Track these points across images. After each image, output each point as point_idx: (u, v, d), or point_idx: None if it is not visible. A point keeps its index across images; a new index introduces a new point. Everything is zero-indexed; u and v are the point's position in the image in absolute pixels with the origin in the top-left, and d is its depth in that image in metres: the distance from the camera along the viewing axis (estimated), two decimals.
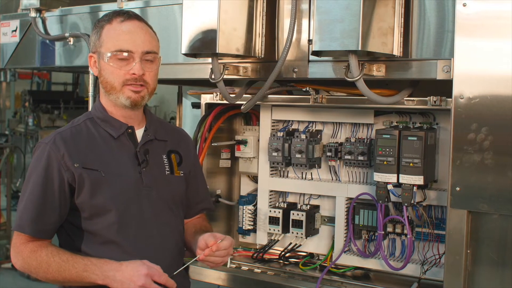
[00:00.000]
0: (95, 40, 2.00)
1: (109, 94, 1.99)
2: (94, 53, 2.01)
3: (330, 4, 2.04)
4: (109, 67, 1.96)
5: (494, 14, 1.94)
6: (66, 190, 1.92)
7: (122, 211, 1.94)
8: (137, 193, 1.98)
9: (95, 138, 1.99)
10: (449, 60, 2.04)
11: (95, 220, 1.93)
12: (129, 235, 1.95)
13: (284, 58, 2.27)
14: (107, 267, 1.83)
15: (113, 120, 2.02)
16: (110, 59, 1.94)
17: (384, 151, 2.27)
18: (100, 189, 1.92)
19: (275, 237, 2.72)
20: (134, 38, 1.96)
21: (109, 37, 1.96)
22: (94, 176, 1.92)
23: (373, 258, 2.47)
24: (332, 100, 2.41)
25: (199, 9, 2.28)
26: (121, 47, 1.94)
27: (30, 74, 10.36)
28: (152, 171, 2.02)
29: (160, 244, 2.01)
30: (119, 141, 2.00)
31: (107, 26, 1.97)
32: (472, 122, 1.97)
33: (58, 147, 1.92)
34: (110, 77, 1.97)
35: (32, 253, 1.89)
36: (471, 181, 1.97)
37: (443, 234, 2.29)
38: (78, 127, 2.02)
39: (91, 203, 1.92)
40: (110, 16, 2.00)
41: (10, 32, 3.49)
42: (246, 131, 2.89)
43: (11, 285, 5.56)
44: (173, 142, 2.15)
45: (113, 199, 1.94)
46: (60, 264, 1.86)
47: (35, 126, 8.77)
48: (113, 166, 1.96)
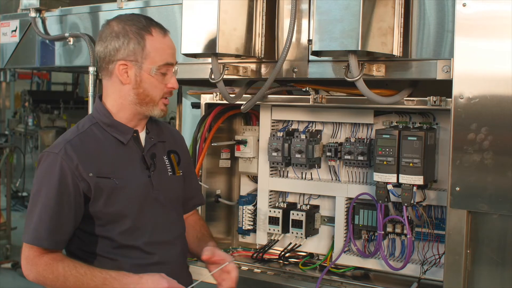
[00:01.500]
0: (135, 49, 1.90)
1: (144, 105, 1.95)
2: (130, 62, 1.91)
3: (329, 4, 2.04)
4: (153, 81, 1.93)
5: (494, 14, 1.94)
6: (81, 200, 1.89)
7: (136, 216, 1.95)
8: (149, 197, 1.98)
9: (103, 144, 1.96)
10: (449, 60, 2.04)
11: (110, 226, 1.93)
12: (143, 238, 1.96)
13: (284, 58, 2.27)
14: (127, 281, 1.81)
15: (119, 125, 1.98)
16: (156, 72, 1.92)
17: (384, 151, 2.27)
18: (115, 197, 1.91)
19: (275, 237, 2.72)
20: (174, 51, 1.98)
21: (156, 50, 1.92)
22: (108, 185, 1.90)
23: (373, 258, 2.47)
24: (332, 100, 2.42)
25: (199, 9, 2.28)
26: (168, 60, 1.94)
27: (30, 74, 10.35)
28: (158, 174, 2.03)
29: (171, 244, 2.03)
30: (128, 146, 1.99)
31: (150, 38, 1.91)
32: (471, 122, 1.97)
33: (70, 157, 1.87)
34: (152, 91, 1.94)
35: (48, 266, 1.85)
36: (471, 181, 1.97)
37: (443, 234, 2.29)
38: (85, 134, 1.96)
39: (106, 211, 1.91)
40: (145, 24, 1.92)
41: (10, 32, 3.49)
42: (246, 131, 2.89)
43: (11, 285, 5.55)
44: (170, 142, 2.14)
45: (128, 205, 1.94)
46: (78, 277, 1.82)
47: (35, 126, 8.77)
48: (124, 172, 1.95)
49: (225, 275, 2.00)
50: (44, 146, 8.42)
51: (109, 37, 1.93)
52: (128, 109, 1.97)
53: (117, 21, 1.94)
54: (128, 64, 1.92)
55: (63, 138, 1.96)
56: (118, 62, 1.92)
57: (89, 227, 1.93)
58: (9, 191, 6.56)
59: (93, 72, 3.05)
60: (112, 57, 1.93)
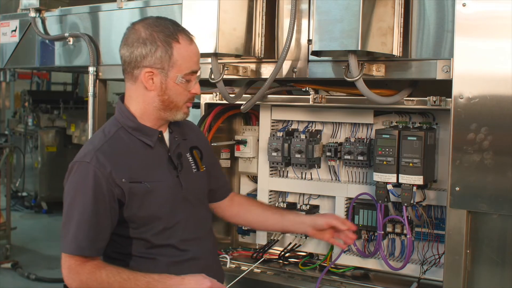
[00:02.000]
0: (162, 57, 1.89)
1: (168, 110, 1.96)
2: (156, 69, 1.90)
3: (329, 4, 2.04)
4: (178, 88, 1.93)
5: (493, 14, 1.94)
6: (116, 206, 1.91)
7: (168, 217, 1.97)
8: (178, 197, 2.01)
9: (131, 149, 1.97)
10: (449, 60, 2.04)
11: (143, 229, 1.95)
12: (176, 237, 1.98)
13: (283, 58, 2.27)
14: (169, 282, 1.84)
15: (145, 128, 1.99)
16: (182, 80, 1.93)
17: (384, 151, 2.27)
18: (148, 200, 1.93)
19: (274, 237, 2.72)
20: (198, 59, 1.98)
21: (183, 59, 1.91)
22: (141, 189, 1.92)
23: (372, 258, 2.47)
24: (331, 100, 2.42)
25: (198, 9, 2.28)
26: (193, 69, 1.95)
27: (29, 74, 10.34)
28: (185, 172, 2.05)
29: (203, 239, 2.07)
30: (154, 148, 2.00)
31: (177, 46, 1.90)
32: (471, 122, 1.97)
33: (103, 165, 1.88)
34: (177, 98, 1.95)
35: (91, 274, 1.86)
36: (471, 181, 1.97)
37: (442, 234, 2.29)
38: (113, 140, 1.95)
39: (140, 215, 1.93)
40: (172, 32, 1.91)
41: (10, 32, 3.49)
42: (245, 131, 2.89)
43: (11, 285, 5.55)
44: (191, 138, 2.15)
45: (160, 208, 1.96)
46: (122, 283, 1.84)
47: (34, 126, 8.75)
48: (154, 175, 1.97)
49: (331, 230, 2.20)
50: (44, 146, 8.42)
51: (135, 42, 1.90)
52: (151, 113, 1.98)
53: (144, 26, 1.91)
54: (154, 71, 1.91)
55: (92, 145, 1.94)
56: (144, 69, 1.91)
57: (124, 230, 1.95)
58: (8, 191, 6.57)
59: (92, 72, 3.04)
60: (138, 63, 1.91)
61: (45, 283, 5.52)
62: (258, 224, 2.36)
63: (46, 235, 7.21)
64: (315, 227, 2.21)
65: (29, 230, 7.41)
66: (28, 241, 6.90)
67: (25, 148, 8.71)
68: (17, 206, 8.63)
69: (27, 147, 8.74)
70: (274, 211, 2.32)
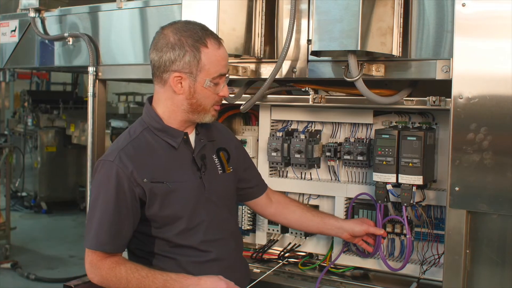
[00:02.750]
0: (191, 61, 1.93)
1: (196, 113, 2.00)
2: (184, 74, 1.95)
3: (329, 4, 2.04)
4: (206, 92, 1.97)
5: (493, 14, 1.94)
6: (137, 205, 1.96)
7: (190, 218, 2.01)
8: (201, 198, 2.03)
9: (155, 149, 2.00)
10: (448, 60, 2.04)
11: (165, 228, 1.99)
12: (198, 237, 2.02)
13: (283, 58, 2.27)
14: (186, 282, 1.89)
15: (170, 129, 2.02)
16: (211, 85, 1.96)
17: (383, 151, 2.27)
18: (169, 201, 1.97)
19: (274, 237, 2.72)
20: (226, 63, 2.02)
21: (211, 63, 1.95)
22: (163, 189, 1.96)
23: (372, 258, 2.47)
24: (331, 100, 2.42)
25: (198, 9, 2.28)
26: (221, 72, 1.98)
27: (29, 74, 10.34)
28: (209, 174, 2.07)
29: (226, 240, 2.10)
30: (178, 149, 2.03)
31: (205, 50, 1.93)
32: (471, 122, 1.97)
33: (125, 164, 1.93)
34: (205, 101, 1.98)
35: (111, 270, 1.93)
36: (470, 181, 1.97)
37: (442, 234, 2.29)
38: (138, 140, 2.01)
39: (161, 214, 1.97)
40: (201, 36, 1.94)
41: (9, 32, 3.49)
42: (245, 131, 2.89)
43: (10, 285, 5.55)
44: (219, 140, 2.18)
45: (182, 208, 1.99)
46: (140, 280, 1.90)
47: (34, 126, 8.75)
48: (177, 175, 2.00)
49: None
50: (43, 146, 8.42)
51: (164, 47, 1.94)
52: (179, 116, 2.01)
53: (173, 31, 1.95)
54: (182, 76, 1.95)
55: (116, 145, 2.01)
56: (173, 73, 1.95)
57: (146, 229, 2.00)
58: (8, 191, 6.57)
59: (92, 72, 3.04)
60: (167, 68, 1.95)
61: (44, 283, 5.51)
62: (298, 225, 2.42)
63: (46, 235, 7.21)
64: (353, 234, 2.34)
65: (28, 230, 7.41)
66: (28, 241, 6.91)
67: (24, 148, 8.71)
68: (16, 206, 8.63)
69: (26, 147, 8.74)
70: (314, 214, 2.38)
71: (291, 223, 2.43)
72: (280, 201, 2.39)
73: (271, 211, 2.38)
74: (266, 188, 2.38)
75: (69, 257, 6.32)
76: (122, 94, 9.57)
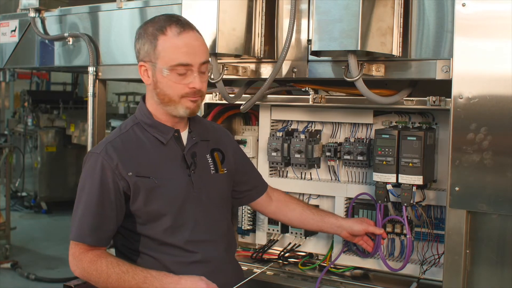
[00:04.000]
0: (148, 50, 1.92)
1: (166, 105, 1.97)
2: (146, 63, 1.95)
3: (329, 4, 2.04)
4: (167, 81, 1.92)
5: (493, 14, 1.94)
6: (121, 199, 1.94)
7: (176, 216, 1.98)
8: (188, 196, 2.01)
9: (144, 144, 1.99)
10: (448, 60, 2.04)
11: (150, 225, 1.97)
12: (184, 237, 1.99)
13: (283, 58, 2.27)
14: (166, 280, 1.86)
15: (160, 125, 2.01)
16: (169, 73, 1.92)
17: (383, 151, 2.27)
18: (155, 196, 1.95)
19: (274, 237, 2.72)
20: (191, 51, 1.91)
21: (166, 50, 1.90)
22: (148, 184, 1.94)
23: (372, 258, 2.47)
24: (331, 100, 2.42)
25: (198, 9, 2.28)
26: (180, 61, 1.90)
27: (29, 74, 10.33)
28: (200, 172, 2.04)
29: (213, 240, 2.06)
30: (168, 145, 2.01)
31: (162, 37, 1.90)
32: (471, 122, 1.97)
33: (111, 157, 1.92)
34: (168, 91, 1.94)
35: (92, 263, 1.91)
36: (470, 181, 1.97)
37: (442, 234, 2.29)
38: (127, 134, 2.00)
39: (146, 209, 1.95)
40: (162, 25, 1.91)
41: (9, 32, 3.49)
42: (245, 131, 2.89)
43: (10, 285, 5.55)
44: (214, 140, 2.16)
45: (167, 204, 1.97)
46: (120, 275, 1.88)
47: (34, 126, 8.74)
48: (164, 171, 1.98)
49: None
50: (43, 146, 8.41)
51: (135, 40, 1.99)
52: (159, 109, 2.00)
53: (145, 23, 1.98)
54: (145, 65, 1.96)
55: (106, 138, 2.02)
56: (139, 63, 1.98)
57: (132, 225, 1.98)
58: (8, 191, 6.56)
59: (92, 72, 3.04)
60: (137, 59, 1.99)
61: (44, 283, 5.51)
62: (298, 223, 2.41)
63: (46, 235, 7.21)
64: (352, 233, 2.33)
65: (28, 230, 7.41)
66: (28, 241, 6.90)
67: (24, 148, 8.71)
68: (16, 206, 8.63)
69: (26, 147, 8.74)
70: (314, 212, 2.37)
71: (291, 221, 2.42)
72: (280, 199, 2.39)
73: (272, 209, 2.38)
74: (266, 188, 2.37)
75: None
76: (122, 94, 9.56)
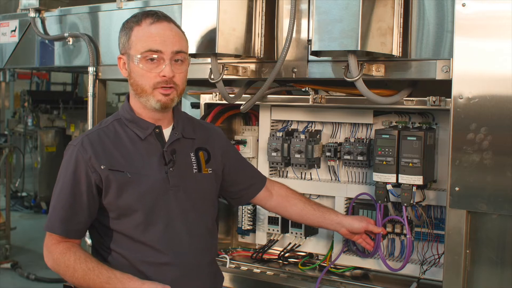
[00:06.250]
0: (124, 41, 1.97)
1: (140, 96, 1.97)
2: (123, 55, 1.99)
3: (329, 4, 2.04)
4: (139, 70, 1.93)
5: (493, 14, 1.94)
6: (94, 191, 1.94)
7: (148, 212, 1.95)
8: (164, 193, 1.98)
9: (122, 139, 1.99)
10: (448, 60, 2.04)
11: (123, 220, 1.96)
12: (156, 235, 1.96)
13: (283, 58, 2.27)
14: (129, 284, 1.84)
15: (140, 121, 2.01)
16: (140, 61, 1.92)
17: (383, 151, 2.27)
18: (126, 190, 1.94)
19: (274, 237, 2.72)
20: (163, 39, 1.92)
21: (139, 38, 1.93)
22: (120, 178, 1.93)
23: (372, 258, 2.47)
24: (331, 100, 2.42)
25: (198, 9, 2.28)
26: (151, 47, 1.91)
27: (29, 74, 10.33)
28: (180, 170, 2.02)
29: (188, 243, 2.00)
30: (147, 141, 2.00)
31: (136, 28, 1.94)
32: (471, 122, 1.97)
33: (85, 149, 1.94)
34: (140, 80, 1.94)
35: (62, 255, 1.91)
36: (470, 181, 1.97)
37: (442, 234, 2.29)
38: (106, 129, 2.01)
39: (117, 204, 1.94)
40: (139, 18, 1.96)
41: (9, 32, 3.49)
42: (245, 131, 2.89)
43: (10, 285, 5.55)
44: (201, 140, 2.13)
45: (139, 200, 1.95)
46: (86, 271, 1.87)
47: (34, 126, 8.75)
48: (140, 167, 1.97)
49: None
50: (43, 146, 8.42)
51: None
52: (136, 102, 2.02)
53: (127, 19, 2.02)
54: (122, 57, 2.01)
55: (84, 133, 2.06)
56: (118, 56, 2.03)
57: (105, 219, 1.98)
58: (8, 191, 6.57)
59: (92, 72, 3.04)
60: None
61: (44, 283, 5.52)
62: (298, 218, 2.40)
63: None
64: (351, 230, 2.33)
65: (28, 230, 7.42)
66: (28, 241, 6.91)
67: (24, 148, 8.72)
68: (16, 206, 8.64)
69: (26, 147, 8.74)
70: (315, 207, 2.35)
71: (291, 216, 2.41)
72: (281, 193, 2.37)
73: (272, 204, 2.36)
74: (264, 184, 2.33)
75: None
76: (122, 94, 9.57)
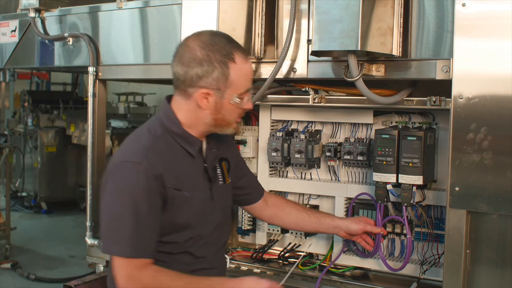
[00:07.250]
0: (218, 77, 1.88)
1: (217, 127, 1.97)
2: (212, 90, 1.89)
3: (329, 4, 2.04)
4: (232, 107, 1.93)
5: (493, 14, 1.94)
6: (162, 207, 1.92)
7: (198, 227, 2.00)
8: (209, 209, 2.03)
9: (175, 154, 1.96)
10: (448, 60, 2.04)
11: (173, 235, 1.96)
12: (200, 245, 2.02)
13: (283, 58, 2.27)
14: (229, 284, 1.91)
15: (190, 137, 1.98)
16: (239, 100, 1.93)
17: (384, 151, 2.27)
18: (184, 209, 1.94)
19: (274, 237, 2.72)
20: (253, 76, 1.99)
21: (239, 79, 1.91)
22: (179, 196, 1.92)
23: (372, 258, 2.47)
24: (331, 100, 2.42)
25: (198, 9, 2.28)
26: (249, 87, 1.96)
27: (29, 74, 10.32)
28: (216, 184, 2.07)
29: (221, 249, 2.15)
30: (195, 157, 2.00)
31: (234, 66, 1.88)
32: (471, 122, 1.97)
33: (155, 166, 1.86)
34: (230, 116, 1.96)
35: (153, 278, 1.84)
36: (470, 181, 1.97)
37: (442, 234, 2.29)
38: (161, 142, 1.94)
39: (173, 221, 1.94)
40: (229, 52, 1.89)
41: (9, 32, 3.49)
42: (245, 131, 2.88)
43: (10, 285, 5.55)
44: (222, 149, 2.14)
45: (193, 217, 1.98)
46: (184, 287, 1.87)
47: (34, 126, 8.73)
48: (192, 184, 1.98)
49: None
50: (43, 146, 8.41)
51: (192, 62, 1.88)
52: (201, 127, 1.98)
53: (200, 45, 1.88)
54: (210, 92, 1.89)
55: (139, 144, 1.92)
56: (200, 89, 1.89)
57: None
58: (8, 191, 6.56)
59: (92, 72, 3.04)
60: (194, 83, 1.89)
61: (44, 283, 5.51)
62: (294, 226, 2.44)
63: (46, 235, 7.21)
64: (349, 232, 2.35)
65: (28, 230, 7.41)
66: (28, 241, 6.90)
67: (24, 148, 8.70)
68: (16, 206, 8.63)
69: (26, 147, 8.73)
70: (310, 214, 2.37)
71: (287, 225, 2.44)
72: (276, 203, 2.39)
73: (267, 214, 2.38)
74: (263, 193, 2.37)
75: (69, 257, 6.31)
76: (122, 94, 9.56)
